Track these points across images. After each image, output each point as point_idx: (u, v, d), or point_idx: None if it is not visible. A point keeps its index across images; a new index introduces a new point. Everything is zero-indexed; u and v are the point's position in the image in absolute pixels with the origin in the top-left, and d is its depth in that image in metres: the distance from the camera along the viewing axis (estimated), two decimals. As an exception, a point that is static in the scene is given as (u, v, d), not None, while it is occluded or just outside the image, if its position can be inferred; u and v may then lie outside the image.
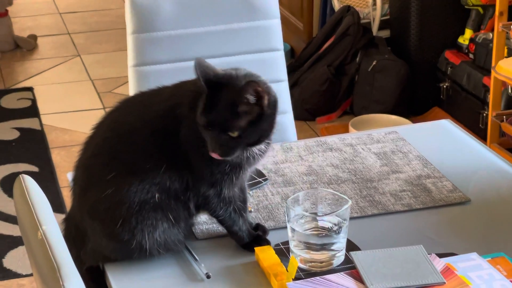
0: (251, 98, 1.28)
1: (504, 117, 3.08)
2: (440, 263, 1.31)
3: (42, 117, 3.66)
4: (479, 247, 1.39)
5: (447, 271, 1.29)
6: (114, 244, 1.36)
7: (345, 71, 3.70)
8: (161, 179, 1.34)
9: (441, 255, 1.34)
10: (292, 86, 3.68)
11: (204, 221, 1.50)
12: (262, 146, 1.36)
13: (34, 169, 3.20)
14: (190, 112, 1.34)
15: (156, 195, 1.34)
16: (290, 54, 4.18)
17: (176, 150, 1.35)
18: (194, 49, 1.95)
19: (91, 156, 1.38)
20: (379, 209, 1.55)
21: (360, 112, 3.60)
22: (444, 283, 1.26)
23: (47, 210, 1.13)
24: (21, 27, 4.65)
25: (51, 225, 1.07)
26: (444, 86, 3.51)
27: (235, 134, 1.29)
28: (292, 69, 3.76)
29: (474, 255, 1.35)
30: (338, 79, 3.69)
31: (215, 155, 1.31)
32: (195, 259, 1.39)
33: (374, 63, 3.58)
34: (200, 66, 1.31)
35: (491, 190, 1.62)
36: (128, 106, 1.41)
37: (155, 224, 1.34)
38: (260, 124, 1.31)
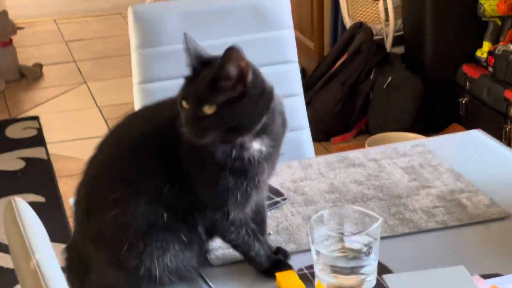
0: (232, 71, 1.15)
1: (529, 131, 2.96)
2: (485, 285, 1.18)
3: (48, 146, 3.59)
4: (527, 266, 1.25)
5: (493, 293, 1.16)
6: (120, 272, 1.23)
7: (359, 90, 3.60)
8: (167, 200, 1.22)
9: (485, 276, 1.21)
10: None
11: (219, 246, 1.37)
12: (262, 148, 1.22)
13: (41, 199, 3.11)
14: None
15: (165, 215, 1.22)
16: (302, 75, 4.05)
17: (178, 168, 1.23)
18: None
19: (93, 176, 1.27)
20: (411, 227, 1.42)
21: (376, 131, 3.48)
22: (491, 307, 1.13)
23: (41, 237, 1.00)
24: (26, 56, 4.59)
25: (46, 254, 0.94)
26: (463, 102, 3.40)
27: (210, 110, 1.15)
28: (304, 89, 3.64)
29: (522, 275, 1.21)
30: (352, 98, 3.59)
31: (187, 136, 1.17)
32: (211, 288, 1.26)
33: (389, 80, 3.48)
34: (191, 41, 1.21)
35: (532, 203, 1.48)
36: (131, 121, 1.30)
37: (165, 247, 1.22)
38: (241, 106, 1.16)
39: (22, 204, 1.05)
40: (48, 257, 0.95)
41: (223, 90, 1.15)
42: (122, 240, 1.21)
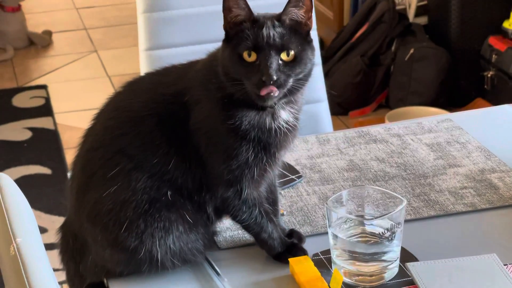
0: (307, 3, 1.10)
1: (557, 106, 2.82)
2: (520, 277, 1.06)
3: (56, 116, 3.50)
4: None
5: (530, 286, 1.04)
6: (118, 254, 1.13)
7: (380, 61, 3.48)
8: (171, 175, 1.12)
9: (520, 266, 1.09)
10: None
11: (227, 227, 1.26)
12: (289, 118, 1.15)
13: (47, 171, 3.03)
14: (202, 97, 1.13)
15: (169, 192, 1.12)
16: (320, 45, 3.94)
17: (185, 143, 1.12)
18: (213, 29, 1.70)
19: (90, 150, 1.16)
20: (437, 210, 1.30)
21: (397, 105, 3.37)
22: (529, 302, 1.01)
23: (26, 219, 0.89)
24: (35, 23, 4.49)
25: (30, 238, 0.82)
26: (489, 75, 3.26)
27: (290, 56, 1.09)
28: (322, 61, 3.53)
29: (562, 266, 1.09)
30: (372, 70, 3.46)
31: (266, 90, 1.08)
32: (217, 274, 1.16)
33: (411, 51, 3.35)
34: None
35: None
36: (131, 90, 1.20)
37: (168, 227, 1.12)
38: (308, 52, 1.11)
39: (5, 180, 0.94)
40: (31, 241, 0.84)
41: (299, 33, 1.11)
42: (121, 218, 1.11)
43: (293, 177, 1.40)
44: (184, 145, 1.13)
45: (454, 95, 3.40)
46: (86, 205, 1.14)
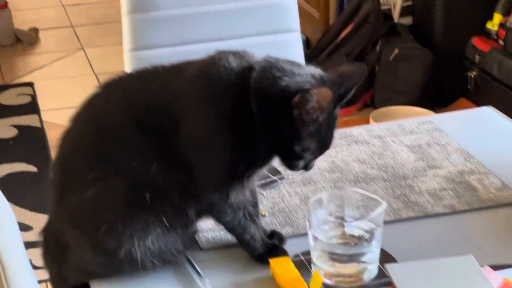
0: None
1: (540, 107, 2.84)
2: (495, 278, 1.08)
3: (42, 113, 3.49)
4: (542, 257, 1.15)
5: (506, 287, 1.06)
6: (99, 256, 1.14)
7: (365, 61, 3.49)
8: (152, 179, 1.13)
9: (496, 267, 1.11)
10: (308, 78, 3.46)
11: (210, 228, 1.27)
12: None
13: (33, 169, 3.03)
14: (195, 106, 1.12)
15: (147, 196, 1.12)
16: (306, 45, 3.96)
17: (170, 150, 1.12)
18: (199, 30, 1.73)
19: (69, 153, 1.16)
20: (416, 211, 1.32)
21: (382, 105, 3.39)
22: (503, 303, 1.03)
23: (6, 221, 0.89)
24: (22, 20, 4.47)
25: (9, 241, 0.83)
26: (472, 76, 3.29)
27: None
28: (307, 60, 3.53)
29: (536, 267, 1.11)
30: (357, 70, 3.47)
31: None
32: (198, 274, 1.17)
33: (396, 52, 3.37)
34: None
35: (548, 187, 1.38)
36: (111, 93, 1.19)
37: (146, 229, 1.13)
38: None
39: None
40: (11, 245, 0.85)
41: None
42: (100, 221, 1.12)
43: (275, 178, 1.42)
44: (168, 150, 1.13)
45: (439, 95, 3.42)
46: (65, 208, 1.15)
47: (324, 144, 1.14)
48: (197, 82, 1.13)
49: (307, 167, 1.15)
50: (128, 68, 1.77)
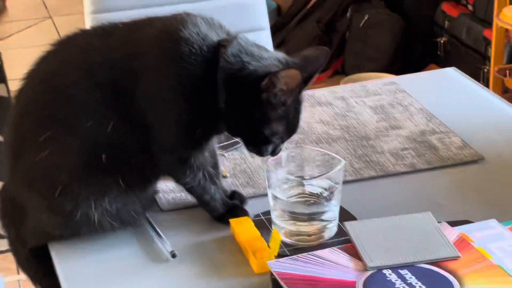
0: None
1: (507, 71, 2.87)
2: (453, 233, 1.09)
3: (9, 83, 3.44)
4: (498, 213, 1.16)
5: (462, 242, 1.07)
6: (55, 217, 1.13)
7: (335, 28, 3.49)
8: (108, 138, 1.11)
9: (453, 223, 1.12)
10: (279, 45, 3.45)
11: (170, 190, 1.27)
12: None
13: None
14: (156, 66, 1.10)
15: (103, 156, 1.11)
16: (277, 12, 3.94)
17: (128, 108, 1.11)
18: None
19: (21, 114, 1.15)
20: (377, 170, 1.32)
21: (352, 71, 3.39)
22: (459, 257, 1.04)
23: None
24: (-12, -11, 4.40)
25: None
26: (442, 41, 3.30)
27: None
28: (278, 28, 3.54)
29: (493, 222, 1.12)
30: (328, 37, 3.48)
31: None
32: (159, 235, 1.17)
33: (366, 18, 3.37)
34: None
35: (507, 145, 1.39)
36: (65, 51, 1.16)
37: (103, 190, 1.12)
38: None
39: None
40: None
41: None
42: (55, 183, 1.10)
43: (238, 139, 1.41)
44: (126, 109, 1.11)
45: (409, 61, 3.43)
46: (20, 170, 1.13)
47: (291, 127, 1.15)
48: (162, 40, 1.11)
49: (274, 152, 1.15)
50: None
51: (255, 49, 1.12)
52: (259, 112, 1.11)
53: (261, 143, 1.14)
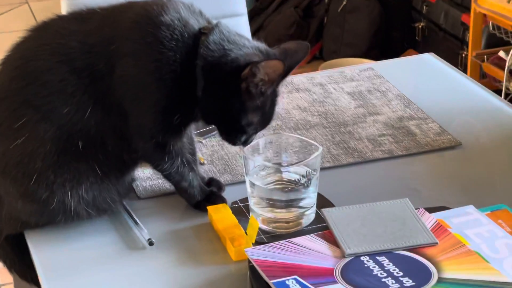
0: None
1: (485, 56, 2.88)
2: (430, 219, 1.09)
3: (-15, 68, 3.40)
4: (476, 199, 1.16)
5: (439, 228, 1.07)
6: (30, 205, 1.12)
7: (313, 13, 3.48)
8: (84, 125, 1.10)
9: (430, 210, 1.12)
10: (256, 30, 3.44)
11: (147, 177, 1.26)
12: None
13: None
14: (133, 51, 1.09)
15: (80, 143, 1.10)
16: (255, -3, 3.93)
17: (105, 93, 1.10)
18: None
19: None
20: (355, 157, 1.32)
21: (330, 57, 3.39)
22: (437, 243, 1.04)
23: None
24: (-37, -27, 4.34)
25: None
26: (420, 26, 3.30)
27: None
28: (256, 13, 3.52)
29: (470, 209, 1.12)
30: (306, 22, 3.47)
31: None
32: (136, 223, 1.16)
33: (344, 3, 3.37)
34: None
35: (485, 131, 1.39)
36: (41, 36, 1.14)
37: (78, 178, 1.11)
38: None
39: None
40: None
41: None
42: (30, 170, 1.09)
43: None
44: (103, 94, 1.10)
45: (387, 46, 3.43)
46: None
47: (266, 119, 1.15)
48: (142, 25, 1.09)
49: (246, 142, 1.15)
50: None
51: (236, 37, 1.12)
52: (237, 101, 1.10)
53: (235, 132, 1.13)
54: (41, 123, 1.09)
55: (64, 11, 1.72)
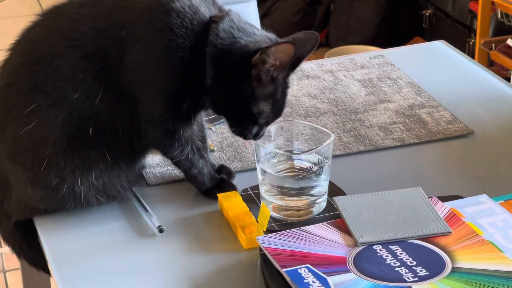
0: None
1: (493, 44, 2.86)
2: (443, 208, 1.08)
3: (-10, 54, 3.38)
4: (489, 188, 1.15)
5: (453, 217, 1.06)
6: (40, 191, 1.11)
7: (319, 0, 3.46)
8: (95, 111, 1.09)
9: (443, 199, 1.11)
10: (262, 17, 3.42)
11: (157, 164, 1.25)
12: None
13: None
14: (144, 37, 1.08)
15: (90, 129, 1.09)
16: (261, -17, 3.90)
17: (115, 79, 1.09)
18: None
19: (6, 85, 1.12)
20: (366, 145, 1.31)
21: (337, 44, 3.37)
22: (450, 232, 1.03)
23: None
24: (-32, -42, 4.31)
25: None
26: (427, 14, 3.28)
27: None
28: (262, 1, 3.50)
29: (483, 198, 1.11)
30: (312, 9, 3.45)
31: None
32: (145, 210, 1.15)
33: (351, -10, 3.34)
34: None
35: (497, 119, 1.38)
36: (52, 21, 1.13)
37: (89, 165, 1.10)
38: None
39: None
40: None
41: None
42: (40, 156, 1.08)
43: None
44: (113, 80, 1.09)
45: (393, 33, 3.42)
46: (4, 143, 1.11)
47: (278, 108, 1.13)
48: (153, 10, 1.08)
49: (258, 135, 1.13)
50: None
51: (246, 26, 1.11)
52: (248, 89, 1.09)
53: (246, 123, 1.12)
54: (51, 109, 1.08)
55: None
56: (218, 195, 1.16)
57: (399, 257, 0.98)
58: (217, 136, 1.34)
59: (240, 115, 1.12)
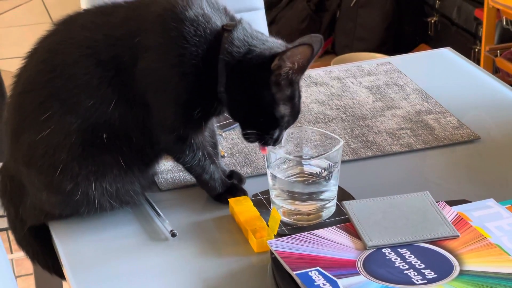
0: None
1: (498, 51, 2.87)
2: (451, 212, 1.10)
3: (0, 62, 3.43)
4: (496, 192, 1.17)
5: (460, 221, 1.08)
6: (55, 196, 1.13)
7: (325, 7, 3.48)
8: (109, 117, 1.11)
9: (451, 203, 1.13)
10: (269, 25, 3.44)
11: (169, 169, 1.27)
12: None
13: (-10, 118, 2.96)
14: (157, 45, 1.10)
15: (104, 135, 1.11)
16: (267, -9, 3.93)
17: (129, 86, 1.11)
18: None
19: (22, 92, 1.14)
20: (374, 150, 1.33)
21: (343, 51, 3.39)
22: (458, 236, 1.05)
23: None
24: (-23, -33, 4.36)
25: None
26: (432, 21, 3.30)
27: None
28: (269, 6, 3.52)
29: (490, 202, 1.13)
30: (318, 16, 3.47)
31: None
32: (158, 214, 1.17)
33: (357, -3, 3.36)
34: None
35: (503, 125, 1.40)
36: (67, 30, 1.16)
37: (103, 170, 1.12)
38: None
39: None
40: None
41: None
42: (55, 162, 1.10)
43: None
44: (127, 87, 1.11)
45: (399, 41, 3.43)
46: (20, 148, 1.13)
47: (296, 110, 1.15)
48: (167, 19, 1.10)
49: (277, 140, 1.14)
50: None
51: (258, 34, 1.13)
52: (268, 94, 1.10)
53: (268, 127, 1.13)
54: (66, 116, 1.10)
55: (82, 3, 1.73)
56: (229, 200, 1.18)
57: (407, 260, 1.00)
58: (228, 142, 1.36)
59: (261, 121, 1.12)
